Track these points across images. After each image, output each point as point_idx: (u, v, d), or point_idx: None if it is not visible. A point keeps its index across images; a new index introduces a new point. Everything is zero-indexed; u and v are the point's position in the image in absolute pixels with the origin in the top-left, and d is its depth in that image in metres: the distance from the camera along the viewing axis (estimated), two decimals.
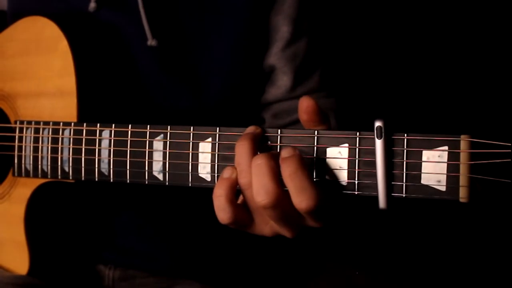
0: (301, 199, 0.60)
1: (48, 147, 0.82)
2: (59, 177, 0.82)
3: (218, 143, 0.70)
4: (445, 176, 0.59)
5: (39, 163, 0.83)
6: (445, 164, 0.59)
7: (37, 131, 0.83)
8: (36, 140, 0.83)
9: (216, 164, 0.70)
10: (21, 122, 0.85)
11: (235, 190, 0.65)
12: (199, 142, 0.71)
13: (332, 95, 0.99)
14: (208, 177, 0.70)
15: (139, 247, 0.95)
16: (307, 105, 0.64)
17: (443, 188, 0.59)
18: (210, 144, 0.70)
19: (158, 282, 0.96)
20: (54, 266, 0.90)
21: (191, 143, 0.71)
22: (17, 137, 0.86)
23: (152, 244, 0.95)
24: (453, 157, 0.59)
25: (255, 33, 0.92)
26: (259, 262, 1.03)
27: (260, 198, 0.61)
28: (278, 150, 0.66)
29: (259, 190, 0.61)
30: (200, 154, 0.71)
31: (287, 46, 0.94)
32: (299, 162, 0.61)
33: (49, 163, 0.82)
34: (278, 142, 0.67)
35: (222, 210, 0.65)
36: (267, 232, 0.67)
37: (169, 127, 0.73)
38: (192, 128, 0.71)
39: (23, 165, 0.85)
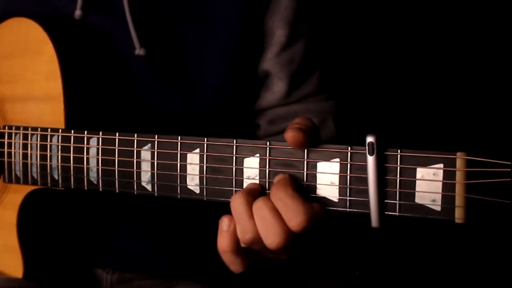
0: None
1: (37, 154, 0.80)
2: (49, 184, 0.80)
3: (206, 155, 0.67)
4: (440, 195, 0.56)
5: (29, 170, 0.81)
6: (441, 183, 0.56)
7: (25, 137, 0.82)
8: (25, 146, 0.82)
9: (204, 176, 0.68)
10: (10, 127, 0.83)
11: (237, 239, 0.63)
12: (187, 153, 0.68)
13: (331, 98, 0.96)
14: (197, 190, 0.68)
15: (137, 249, 0.94)
16: (293, 140, 0.61)
17: (438, 208, 0.56)
18: (198, 155, 0.68)
19: (156, 284, 0.95)
20: (50, 271, 0.89)
21: (178, 153, 0.69)
22: (6, 142, 0.84)
23: (150, 246, 0.94)
24: (448, 175, 0.55)
25: (249, 37, 0.89)
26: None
27: (270, 241, 0.60)
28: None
29: (267, 234, 0.60)
30: (188, 166, 0.68)
31: (282, 50, 0.91)
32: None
33: (38, 170, 0.80)
34: (267, 155, 0.64)
35: (232, 264, 0.65)
36: (283, 258, 0.66)
37: (156, 136, 0.70)
38: (179, 138, 0.69)
39: (13, 172, 0.83)
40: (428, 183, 0.56)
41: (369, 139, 0.58)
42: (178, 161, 0.69)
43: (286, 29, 0.90)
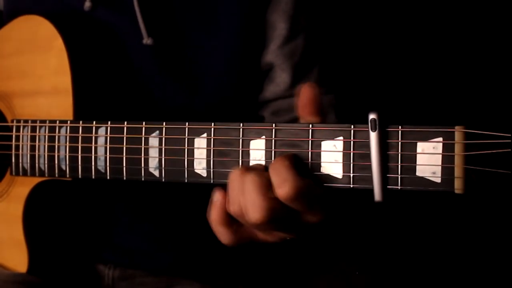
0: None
1: (45, 146, 0.82)
2: (56, 175, 0.81)
3: (214, 138, 0.69)
4: (440, 167, 0.58)
5: (36, 161, 0.83)
6: (440, 156, 0.58)
7: (33, 129, 0.83)
8: (33, 138, 0.83)
9: (211, 160, 0.70)
10: (18, 121, 0.85)
11: (227, 212, 0.65)
12: (194, 138, 0.70)
13: (331, 91, 0.98)
14: (204, 173, 0.70)
15: (138, 246, 0.95)
16: (308, 95, 0.64)
17: (438, 180, 0.59)
18: (205, 140, 0.70)
19: (157, 281, 0.96)
20: (53, 265, 0.90)
21: (186, 139, 0.71)
22: (14, 136, 0.86)
23: (152, 243, 0.95)
24: (448, 148, 0.58)
25: (252, 31, 0.92)
26: (259, 262, 1.02)
27: (252, 216, 0.61)
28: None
29: (250, 208, 0.61)
30: (195, 150, 0.70)
31: (285, 43, 0.94)
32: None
33: (46, 162, 0.82)
34: (273, 136, 0.66)
35: (220, 234, 0.67)
36: (272, 240, 0.67)
37: (164, 123, 0.72)
38: (187, 123, 0.71)
39: (20, 164, 0.85)
40: (428, 156, 0.59)
41: (371, 116, 0.60)
42: (186, 146, 0.71)
43: (288, 22, 0.93)
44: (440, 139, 0.58)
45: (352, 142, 0.63)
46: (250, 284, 1.02)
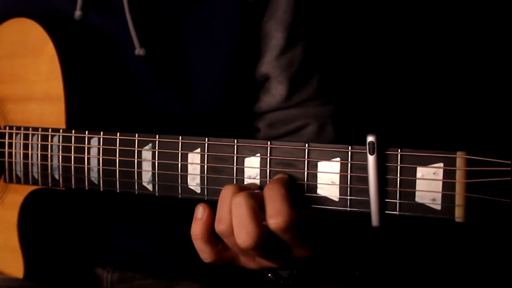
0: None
1: (38, 154, 0.81)
2: (50, 184, 0.80)
3: (207, 154, 0.67)
4: (440, 194, 0.56)
5: (30, 170, 0.82)
6: (441, 182, 0.56)
7: (26, 137, 0.82)
8: (26, 146, 0.82)
9: (205, 176, 0.68)
10: (11, 128, 0.84)
11: (211, 229, 0.64)
12: (187, 153, 0.68)
13: (330, 102, 0.96)
14: (198, 189, 0.69)
15: (137, 248, 0.94)
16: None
17: (438, 207, 0.56)
18: (199, 155, 0.68)
19: (157, 283, 0.95)
20: (50, 270, 0.89)
21: (179, 153, 0.69)
22: (7, 143, 0.84)
23: (151, 245, 0.94)
24: (448, 174, 0.56)
25: (247, 40, 0.89)
26: (261, 274, 1.02)
27: (241, 240, 0.59)
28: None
29: (240, 232, 0.59)
30: (189, 165, 0.69)
31: (281, 54, 0.91)
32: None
33: (39, 171, 0.81)
34: (268, 155, 0.64)
35: (201, 251, 0.66)
36: (252, 266, 0.66)
37: (157, 136, 0.71)
38: (180, 137, 0.69)
39: (14, 172, 0.83)
40: (428, 182, 0.57)
41: (370, 138, 0.58)
42: (179, 161, 0.69)
43: (285, 32, 0.90)
44: (441, 164, 0.56)
45: (349, 164, 0.60)
46: (249, 286, 1.01)
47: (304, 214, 0.61)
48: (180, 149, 0.69)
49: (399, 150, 0.58)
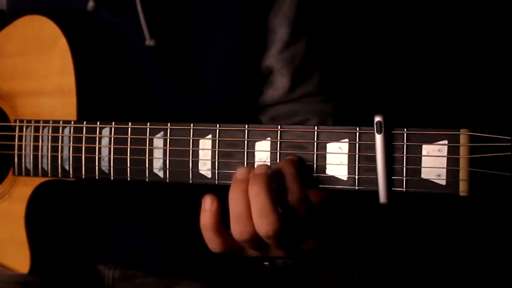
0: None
1: (48, 146, 0.82)
2: (60, 175, 0.82)
3: (218, 140, 0.70)
4: (445, 170, 0.59)
5: (39, 162, 0.83)
6: (445, 158, 0.59)
7: (36, 129, 0.83)
8: (36, 139, 0.83)
9: (216, 161, 0.70)
10: (21, 121, 0.85)
11: (220, 218, 0.65)
12: (199, 139, 0.71)
13: (331, 100, 0.98)
14: (208, 174, 0.71)
15: (139, 247, 0.95)
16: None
17: (443, 182, 0.59)
18: (210, 141, 0.70)
19: (158, 282, 0.96)
20: (55, 265, 0.90)
21: (191, 140, 0.71)
22: (17, 136, 0.86)
23: (152, 244, 0.95)
24: (452, 151, 0.59)
25: (253, 34, 0.92)
26: (258, 262, 1.03)
27: (263, 229, 0.61)
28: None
29: (262, 221, 0.61)
30: (200, 151, 0.71)
31: (285, 48, 0.94)
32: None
33: (49, 162, 0.82)
34: (278, 138, 0.67)
35: (210, 241, 0.67)
36: (259, 255, 0.67)
37: (169, 124, 0.73)
38: (192, 125, 0.71)
39: (23, 164, 0.85)
40: (433, 159, 0.60)
41: (377, 118, 0.61)
42: (191, 147, 0.71)
43: (289, 27, 0.93)
44: (445, 141, 0.59)
45: (357, 144, 0.63)
46: (250, 285, 1.02)
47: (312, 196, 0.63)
48: (191, 136, 0.71)
49: (405, 129, 0.61)
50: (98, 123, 0.78)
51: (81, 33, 0.85)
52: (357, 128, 0.63)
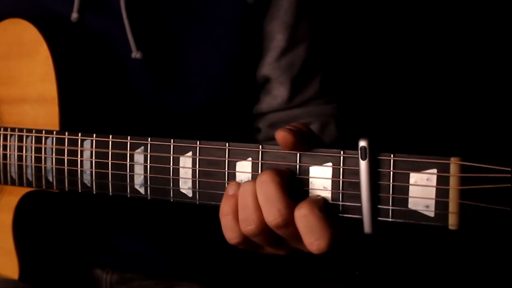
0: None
1: (32, 156, 0.80)
2: (44, 187, 0.79)
3: (199, 158, 0.66)
4: (433, 201, 0.55)
5: (24, 172, 0.81)
6: (434, 188, 0.55)
7: (20, 139, 0.81)
8: (20, 148, 0.81)
9: (197, 180, 0.67)
10: (5, 129, 0.83)
11: None
12: (179, 156, 0.67)
13: (333, 101, 0.94)
14: (189, 193, 0.68)
15: (136, 249, 0.94)
16: (282, 140, 0.60)
17: (432, 214, 0.55)
18: (190, 159, 0.67)
19: (156, 284, 0.94)
20: (46, 272, 0.89)
21: (171, 157, 0.68)
22: (1, 144, 0.83)
23: (150, 246, 0.94)
24: (442, 181, 0.54)
25: (247, 42, 0.88)
26: (258, 263, 1.01)
27: (272, 218, 0.58)
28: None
29: (270, 210, 0.58)
30: (181, 169, 0.68)
31: (282, 55, 0.90)
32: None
33: (33, 172, 0.80)
34: (259, 159, 0.63)
35: (230, 230, 0.63)
36: (282, 251, 0.64)
37: (149, 139, 0.70)
38: (172, 140, 0.68)
39: (8, 173, 0.83)
40: (422, 188, 0.55)
41: (362, 143, 0.56)
42: (171, 164, 0.68)
43: (286, 33, 0.89)
44: (435, 170, 0.54)
45: (341, 169, 0.59)
46: (249, 286, 1.00)
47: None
48: (172, 153, 0.68)
49: (391, 155, 0.56)
50: (79, 134, 0.75)
51: (64, 39, 0.82)
52: (341, 152, 0.59)
